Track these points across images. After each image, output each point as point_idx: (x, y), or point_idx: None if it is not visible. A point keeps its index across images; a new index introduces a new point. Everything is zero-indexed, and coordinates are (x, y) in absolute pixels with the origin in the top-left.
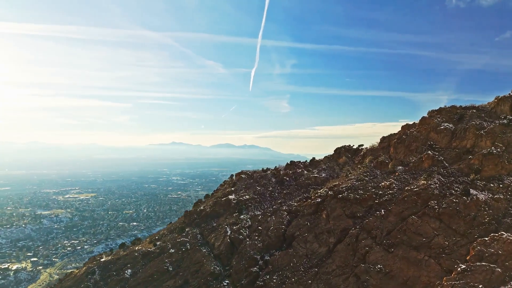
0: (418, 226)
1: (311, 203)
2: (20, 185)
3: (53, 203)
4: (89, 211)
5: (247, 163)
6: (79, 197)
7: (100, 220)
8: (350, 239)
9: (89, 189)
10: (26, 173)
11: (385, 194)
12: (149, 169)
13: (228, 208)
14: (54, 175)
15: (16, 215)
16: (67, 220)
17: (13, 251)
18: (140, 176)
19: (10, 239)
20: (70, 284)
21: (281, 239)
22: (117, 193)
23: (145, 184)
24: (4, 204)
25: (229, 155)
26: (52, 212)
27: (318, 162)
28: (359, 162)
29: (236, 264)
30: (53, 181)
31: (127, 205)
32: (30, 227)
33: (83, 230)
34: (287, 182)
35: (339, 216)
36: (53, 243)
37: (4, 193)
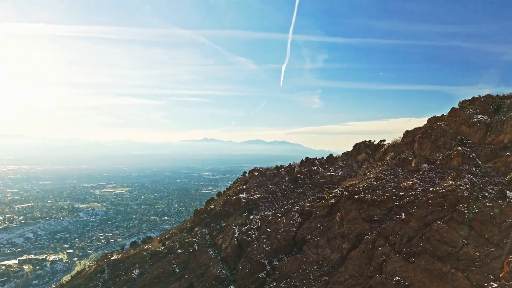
0: (444, 234)
1: (324, 204)
2: (61, 180)
3: (90, 197)
4: (123, 205)
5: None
6: (115, 191)
7: (133, 214)
8: (366, 246)
9: (124, 183)
10: (67, 168)
11: (407, 195)
12: (182, 165)
13: (238, 207)
14: (93, 170)
15: (55, 208)
16: (102, 214)
17: (51, 242)
18: (173, 172)
19: (49, 231)
20: (80, 282)
21: (291, 242)
22: (150, 188)
23: (177, 179)
24: (45, 198)
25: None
26: (88, 206)
27: (336, 159)
28: (379, 159)
29: (242, 269)
30: (91, 176)
31: (159, 199)
32: (68, 220)
33: (116, 223)
34: (301, 181)
35: (354, 219)
36: (89, 235)
37: (46, 187)
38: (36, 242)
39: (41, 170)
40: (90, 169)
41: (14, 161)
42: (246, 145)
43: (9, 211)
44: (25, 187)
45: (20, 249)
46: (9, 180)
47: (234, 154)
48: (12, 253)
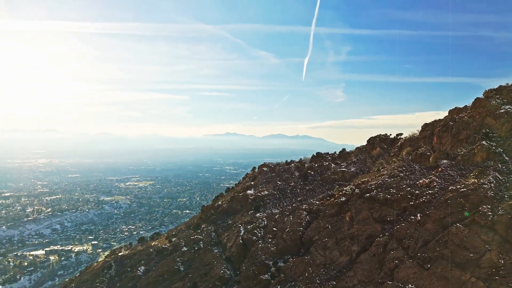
0: (464, 238)
1: (333, 202)
2: (88, 173)
3: (115, 190)
4: (146, 198)
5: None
6: (139, 185)
7: (155, 207)
8: (377, 249)
9: (148, 177)
10: (94, 161)
11: (423, 194)
12: (204, 159)
13: (245, 204)
14: (119, 163)
15: (81, 201)
16: (126, 206)
17: (76, 234)
18: (196, 166)
19: (75, 222)
20: (87, 278)
21: (298, 243)
22: (173, 182)
23: (199, 173)
24: (72, 190)
25: (281, 145)
26: (113, 199)
27: (348, 154)
28: (394, 155)
29: (245, 270)
30: (117, 169)
31: (181, 193)
32: (93, 212)
33: (139, 216)
34: (311, 177)
35: (365, 219)
36: (112, 227)
37: (74, 180)
38: (62, 234)
39: (70, 163)
40: (116, 162)
41: (45, 155)
42: (268, 139)
43: (38, 203)
44: (54, 180)
45: (47, 240)
46: (39, 173)
47: (256, 148)
48: (39, 243)
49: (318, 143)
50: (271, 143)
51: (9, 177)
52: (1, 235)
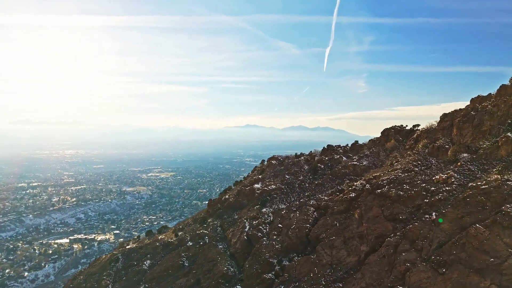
0: (484, 240)
1: (342, 198)
2: (112, 163)
3: (137, 181)
4: (167, 189)
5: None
6: (160, 176)
7: (176, 198)
8: (387, 250)
9: (169, 168)
10: (118, 152)
11: (440, 191)
12: (225, 151)
13: (252, 198)
14: (141, 155)
15: (105, 191)
16: (147, 197)
17: (99, 223)
18: (216, 157)
19: (98, 212)
20: (95, 271)
21: (304, 241)
22: (193, 173)
23: (220, 164)
24: (96, 181)
25: (302, 137)
26: (135, 189)
27: (361, 147)
28: (410, 147)
29: (249, 268)
30: (140, 160)
31: (201, 184)
32: (116, 202)
33: (160, 206)
34: (321, 171)
35: (376, 217)
36: (134, 217)
37: (98, 170)
38: (86, 223)
39: (95, 154)
40: (139, 154)
41: (71, 146)
42: (288, 131)
43: (63, 193)
44: (80, 170)
45: (72, 229)
46: (66, 164)
47: (276, 140)
48: (64, 232)
49: (339, 134)
50: (291, 135)
51: (38, 167)
52: (28, 224)
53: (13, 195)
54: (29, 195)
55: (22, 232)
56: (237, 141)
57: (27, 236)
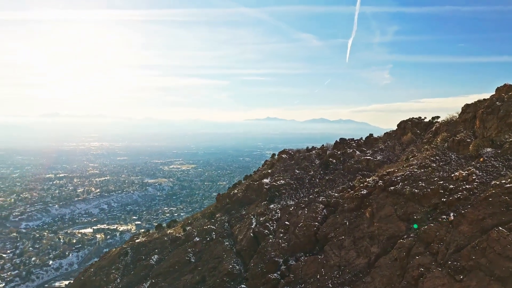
0: (508, 245)
1: (353, 195)
2: (135, 156)
3: (159, 173)
4: (188, 181)
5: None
6: (181, 168)
7: (196, 190)
8: (399, 252)
9: (191, 160)
10: (141, 145)
11: (459, 189)
12: (245, 143)
13: (260, 194)
14: (163, 147)
15: (127, 182)
16: (168, 189)
17: (122, 214)
18: (236, 150)
19: (121, 203)
20: (105, 264)
21: (312, 239)
22: (214, 165)
23: (240, 157)
24: (120, 172)
25: (323, 130)
26: (156, 181)
27: (376, 141)
28: (428, 141)
29: (253, 267)
30: (162, 152)
31: (221, 176)
32: (137, 194)
33: (181, 198)
34: (332, 166)
35: (388, 216)
36: (155, 209)
37: (122, 162)
38: (109, 213)
39: (119, 147)
40: (161, 146)
41: (97, 139)
42: (309, 124)
43: (88, 184)
44: (104, 162)
45: (95, 219)
46: (91, 156)
47: (296, 133)
48: (88, 222)
49: (361, 127)
50: (312, 128)
51: (65, 159)
52: (54, 213)
53: (40, 185)
54: (56, 186)
55: (48, 221)
56: (257, 133)
57: (52, 225)
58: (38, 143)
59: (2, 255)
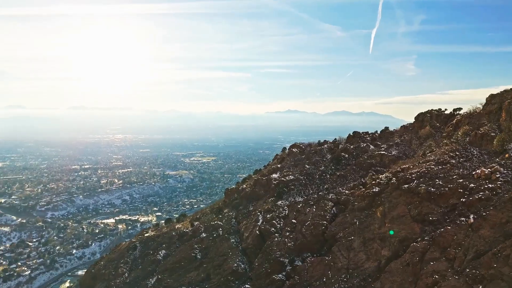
0: None
1: (364, 193)
2: (158, 148)
3: (180, 165)
4: (208, 173)
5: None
6: (202, 160)
7: (216, 182)
8: (412, 256)
9: (211, 153)
10: (163, 137)
11: (481, 189)
12: (265, 136)
13: (268, 189)
14: (185, 139)
15: (149, 174)
16: (188, 181)
17: (143, 205)
18: (256, 143)
19: (142, 194)
20: (114, 257)
21: (320, 239)
22: (234, 158)
23: (260, 150)
24: (142, 164)
25: (345, 123)
26: (177, 173)
27: (391, 134)
28: (447, 135)
29: (258, 266)
30: (183, 145)
31: (241, 169)
32: (159, 185)
33: (201, 190)
34: (344, 161)
35: (401, 217)
36: (175, 200)
37: (144, 154)
38: (131, 204)
39: (142, 139)
40: (183, 138)
41: (121, 131)
42: (331, 116)
43: (111, 175)
44: (128, 154)
45: (117, 209)
46: (115, 148)
47: (317, 126)
48: (110, 213)
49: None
50: (334, 120)
51: (90, 150)
52: (79, 204)
53: (66, 176)
54: (81, 177)
55: (72, 211)
56: (278, 126)
57: (77, 215)
58: (66, 135)
59: (29, 244)
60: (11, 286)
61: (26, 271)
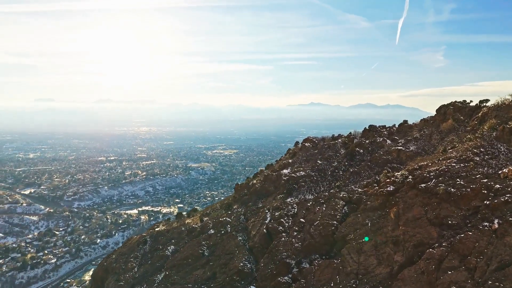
0: None
1: (377, 192)
2: (181, 140)
3: (202, 157)
4: (229, 166)
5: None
6: (224, 153)
7: (237, 175)
8: (428, 264)
9: (233, 145)
10: (186, 130)
11: (507, 190)
12: (287, 129)
13: (278, 185)
14: (208, 132)
15: (172, 166)
16: (210, 173)
17: (165, 196)
18: (278, 136)
19: (165, 186)
20: (125, 251)
21: (329, 240)
22: (255, 151)
23: (281, 143)
24: (165, 156)
25: (370, 116)
26: (200, 165)
27: (410, 128)
28: (472, 129)
29: (263, 267)
30: (206, 137)
31: (262, 162)
32: (181, 177)
33: (222, 183)
34: (359, 156)
35: (417, 219)
36: (197, 192)
37: (168, 147)
38: (154, 196)
39: (166, 131)
40: (206, 131)
41: (145, 123)
42: (355, 109)
43: (135, 167)
44: (152, 146)
45: (141, 201)
46: (140, 140)
47: (341, 119)
48: (134, 204)
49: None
50: (358, 113)
51: (116, 142)
52: (104, 195)
53: (92, 167)
54: (106, 168)
55: (98, 202)
56: (300, 119)
57: (102, 205)
58: (93, 127)
59: (55, 233)
60: (38, 273)
61: (52, 259)
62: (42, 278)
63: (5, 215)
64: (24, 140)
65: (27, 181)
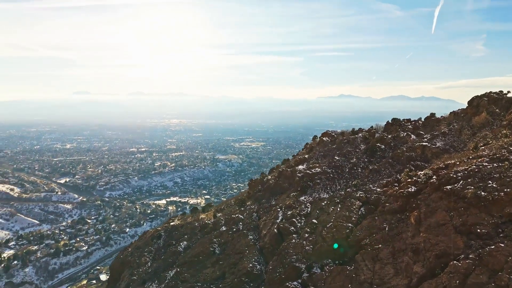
0: None
1: (397, 192)
2: (209, 132)
3: (230, 149)
4: (256, 158)
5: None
6: (251, 145)
7: (264, 167)
8: (451, 278)
9: (261, 138)
10: (215, 122)
11: None
12: (316, 121)
13: (292, 182)
14: (236, 124)
15: (200, 158)
16: (237, 165)
17: (193, 188)
18: (307, 128)
19: (193, 177)
20: (140, 245)
21: (342, 244)
22: (283, 143)
23: (310, 135)
24: (194, 148)
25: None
26: (227, 157)
27: (437, 122)
28: (508, 124)
29: (271, 270)
30: (234, 130)
31: (289, 155)
32: (208, 169)
33: (248, 175)
34: (380, 152)
35: (440, 226)
36: (224, 184)
37: (197, 139)
38: (182, 187)
39: (195, 124)
40: (234, 123)
41: (176, 116)
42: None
43: (165, 158)
44: (181, 138)
45: (169, 191)
46: (170, 132)
47: (372, 111)
48: (162, 194)
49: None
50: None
51: (147, 134)
52: (134, 185)
53: (124, 158)
54: (137, 159)
55: (128, 192)
56: (329, 111)
57: (131, 196)
58: (126, 119)
59: (87, 221)
60: (70, 260)
61: (84, 246)
62: (74, 264)
63: (41, 203)
64: (62, 132)
65: (63, 171)
